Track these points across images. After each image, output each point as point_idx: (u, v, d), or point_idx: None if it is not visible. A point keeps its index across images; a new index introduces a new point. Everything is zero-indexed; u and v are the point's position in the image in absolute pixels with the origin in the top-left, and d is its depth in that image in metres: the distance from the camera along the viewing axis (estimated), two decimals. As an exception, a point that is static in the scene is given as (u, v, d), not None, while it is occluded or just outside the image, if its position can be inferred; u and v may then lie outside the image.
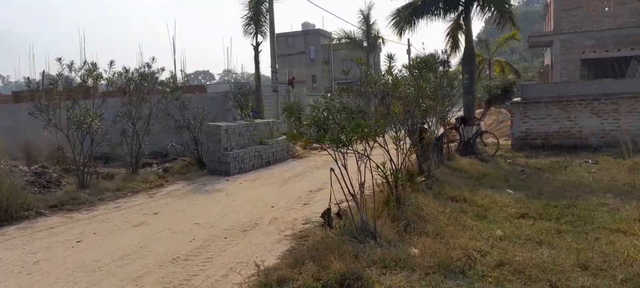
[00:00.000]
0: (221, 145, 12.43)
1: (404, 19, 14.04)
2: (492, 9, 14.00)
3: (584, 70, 26.12)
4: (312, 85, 56.05)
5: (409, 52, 43.50)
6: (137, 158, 11.76)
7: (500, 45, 27.75)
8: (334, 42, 33.25)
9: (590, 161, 10.94)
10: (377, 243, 4.74)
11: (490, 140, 14.31)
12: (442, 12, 14.22)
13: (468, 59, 13.84)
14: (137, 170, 11.66)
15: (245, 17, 18.80)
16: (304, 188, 9.76)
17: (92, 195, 9.35)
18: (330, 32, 56.45)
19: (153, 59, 11.74)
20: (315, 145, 18.86)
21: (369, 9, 29.29)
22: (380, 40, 30.83)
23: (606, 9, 28.20)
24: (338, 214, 5.53)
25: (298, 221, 6.89)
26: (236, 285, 4.37)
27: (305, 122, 6.61)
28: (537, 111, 13.52)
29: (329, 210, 5.60)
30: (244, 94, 16.36)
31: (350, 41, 30.42)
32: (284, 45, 58.77)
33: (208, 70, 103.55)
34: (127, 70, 11.38)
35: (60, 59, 9.54)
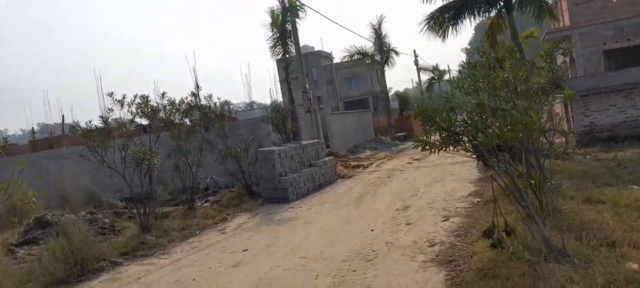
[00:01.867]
0: (276, 171, 11.69)
1: (448, 20, 13.59)
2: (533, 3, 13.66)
3: (605, 61, 25.70)
4: (319, 106, 55.50)
5: (416, 63, 43.13)
6: (192, 193, 10.99)
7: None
8: (344, 59, 32.69)
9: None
10: (581, 264, 3.95)
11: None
12: (483, 9, 13.84)
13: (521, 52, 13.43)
14: (193, 206, 10.87)
15: (270, 38, 18.33)
16: (385, 207, 8.98)
17: (160, 238, 8.57)
18: (330, 52, 56.24)
19: (198, 87, 11.08)
20: (354, 163, 18.16)
21: (380, 22, 28.85)
22: (393, 53, 30.32)
23: (618, -3, 27.83)
24: (506, 231, 4.75)
25: (419, 243, 6.11)
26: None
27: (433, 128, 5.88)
28: (599, 103, 12.86)
29: (493, 227, 4.83)
30: (281, 117, 15.67)
31: (363, 56, 29.90)
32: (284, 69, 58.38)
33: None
34: (172, 102, 10.68)
35: (112, 93, 8.86)
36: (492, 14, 14.71)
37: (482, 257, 4.81)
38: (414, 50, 42.76)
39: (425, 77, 45.39)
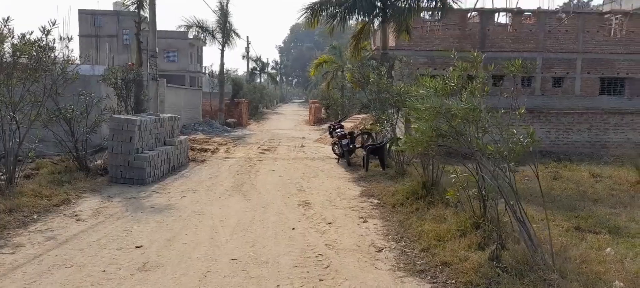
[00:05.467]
0: (133, 145, 9.65)
1: (338, 16, 13.84)
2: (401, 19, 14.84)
3: (418, 84, 30.17)
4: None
5: (247, 50, 42.65)
6: (15, 162, 8.14)
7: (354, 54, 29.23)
8: (181, 29, 29.89)
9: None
10: (578, 281, 4.08)
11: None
12: (364, 14, 14.46)
13: (388, 60, 14.46)
14: (13, 180, 8.03)
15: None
16: (283, 202, 8.20)
17: (-20, 222, 6.01)
18: (146, 17, 51.43)
19: (54, 23, 8.28)
20: (198, 146, 16.51)
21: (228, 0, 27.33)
22: (234, 34, 29.07)
23: (432, 31, 32.58)
24: (501, 244, 4.61)
25: (363, 247, 5.64)
26: None
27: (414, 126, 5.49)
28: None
29: (488, 238, 4.65)
30: (126, 82, 13.15)
31: (204, 31, 27.83)
32: (89, 24, 50.78)
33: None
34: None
35: None
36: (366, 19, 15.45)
37: (459, 268, 4.61)
38: (247, 37, 42.16)
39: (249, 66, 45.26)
